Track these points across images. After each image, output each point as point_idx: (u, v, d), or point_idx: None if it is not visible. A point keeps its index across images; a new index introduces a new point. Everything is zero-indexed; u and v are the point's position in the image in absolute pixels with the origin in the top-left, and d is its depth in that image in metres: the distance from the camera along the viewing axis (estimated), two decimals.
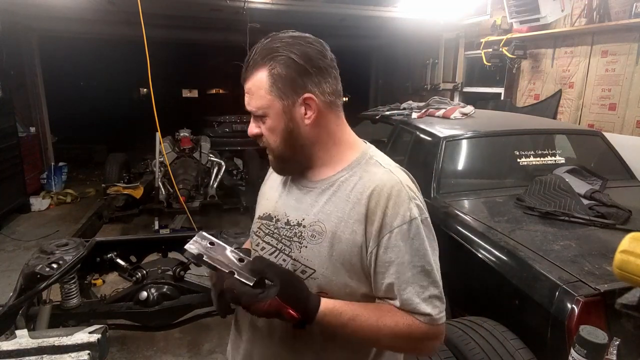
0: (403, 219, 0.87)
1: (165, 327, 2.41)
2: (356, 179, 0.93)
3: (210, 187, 5.12)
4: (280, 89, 0.89)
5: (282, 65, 0.88)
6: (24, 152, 5.71)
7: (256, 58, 0.90)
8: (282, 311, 0.81)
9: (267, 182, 1.13)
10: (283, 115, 0.91)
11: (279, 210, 1.01)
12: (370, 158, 0.97)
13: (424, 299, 0.87)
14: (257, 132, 0.96)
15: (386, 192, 0.89)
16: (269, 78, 0.89)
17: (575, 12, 4.15)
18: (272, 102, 0.90)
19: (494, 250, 1.93)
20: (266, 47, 0.90)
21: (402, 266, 0.87)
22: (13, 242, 4.60)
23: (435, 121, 3.22)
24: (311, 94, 0.91)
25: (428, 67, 6.64)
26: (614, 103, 3.84)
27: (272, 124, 0.92)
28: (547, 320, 1.54)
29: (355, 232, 0.89)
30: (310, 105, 0.91)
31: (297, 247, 0.94)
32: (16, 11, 5.49)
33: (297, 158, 0.96)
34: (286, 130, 0.92)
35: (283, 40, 0.90)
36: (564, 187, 2.34)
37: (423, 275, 0.87)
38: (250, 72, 0.91)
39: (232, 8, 4.75)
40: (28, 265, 1.98)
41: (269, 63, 0.89)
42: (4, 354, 0.90)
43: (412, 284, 0.87)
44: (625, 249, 1.19)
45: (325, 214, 0.93)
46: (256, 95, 0.91)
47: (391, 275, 0.87)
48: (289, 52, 0.88)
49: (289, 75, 0.88)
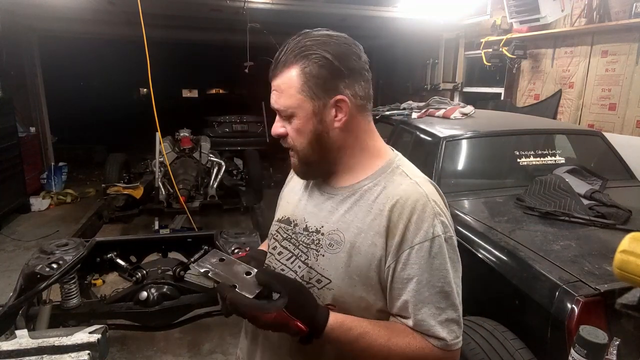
0: (425, 236, 0.82)
1: (165, 327, 2.41)
2: (380, 188, 0.89)
3: (210, 187, 5.12)
4: (312, 88, 0.86)
5: (315, 64, 0.84)
6: (24, 152, 5.70)
7: (288, 55, 0.86)
8: (289, 323, 0.77)
9: (289, 184, 1.10)
10: (313, 117, 0.87)
11: (298, 214, 0.98)
12: (397, 167, 0.92)
13: (439, 322, 0.82)
14: (282, 132, 0.92)
15: (410, 206, 0.84)
16: (301, 77, 0.85)
17: (575, 12, 4.15)
18: (302, 102, 0.86)
19: (494, 250, 1.93)
20: (299, 44, 0.86)
21: (419, 285, 0.82)
22: (13, 242, 4.60)
23: (435, 121, 3.22)
24: (344, 96, 0.87)
25: (428, 67, 6.64)
26: (614, 103, 3.84)
27: (300, 125, 0.88)
28: (547, 320, 1.54)
29: (375, 244, 0.85)
30: (341, 108, 0.87)
31: (314, 255, 0.90)
32: (16, 11, 5.49)
33: (322, 162, 0.93)
34: (314, 133, 0.89)
35: (317, 39, 0.86)
36: (564, 187, 2.34)
37: (441, 297, 0.82)
38: (280, 69, 0.87)
39: (232, 8, 4.74)
40: (28, 265, 1.98)
41: (301, 61, 0.85)
42: (4, 354, 0.90)
43: (428, 305, 0.82)
44: (625, 249, 1.19)
45: (345, 223, 0.89)
46: (285, 93, 0.87)
47: (407, 292, 0.83)
48: (323, 50, 0.85)
49: (322, 75, 0.85)
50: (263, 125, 8.22)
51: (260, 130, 8.26)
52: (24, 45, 6.32)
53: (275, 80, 0.89)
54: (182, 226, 4.79)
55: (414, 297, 0.82)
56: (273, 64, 0.89)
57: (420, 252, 0.82)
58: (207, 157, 5.42)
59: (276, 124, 0.93)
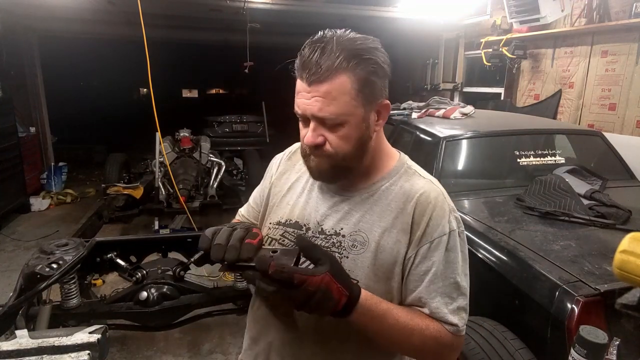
0: (443, 231, 0.88)
1: (165, 327, 2.41)
2: (397, 188, 0.92)
3: (210, 187, 5.12)
4: (366, 95, 0.84)
5: (368, 70, 0.82)
6: (24, 152, 5.71)
7: (334, 59, 0.80)
8: (332, 288, 0.75)
9: (278, 183, 1.06)
10: (361, 123, 0.86)
11: (309, 218, 0.96)
12: (409, 168, 0.97)
13: (451, 310, 0.87)
14: (320, 141, 0.86)
15: (431, 202, 0.89)
16: (357, 83, 0.82)
17: (575, 12, 4.15)
18: (355, 110, 0.83)
19: (494, 250, 1.93)
20: (348, 48, 0.81)
21: (435, 276, 0.87)
22: (13, 242, 4.60)
23: (435, 121, 3.22)
24: (387, 101, 0.88)
25: (428, 67, 6.64)
26: (614, 103, 3.84)
27: (349, 133, 0.85)
28: (547, 320, 1.54)
29: (399, 241, 0.89)
30: (381, 113, 0.89)
31: (337, 258, 0.90)
32: (16, 11, 5.49)
33: (357, 166, 0.91)
34: (361, 139, 0.87)
35: (363, 43, 0.83)
36: (564, 187, 2.34)
37: (454, 288, 0.88)
38: (329, 74, 0.80)
39: (232, 8, 4.75)
40: (28, 265, 1.98)
41: (354, 65, 0.81)
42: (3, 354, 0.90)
43: (441, 295, 0.87)
44: (625, 249, 1.19)
45: (367, 223, 0.91)
46: (338, 101, 0.82)
47: (423, 284, 0.88)
48: (373, 55, 0.83)
49: (374, 81, 0.84)
50: (263, 125, 8.22)
51: (260, 130, 8.26)
52: (24, 45, 6.32)
53: (320, 86, 0.81)
54: (182, 226, 4.79)
55: (428, 287, 0.87)
56: (311, 67, 0.81)
57: (439, 245, 0.88)
58: (207, 157, 5.42)
59: (313, 134, 0.85)
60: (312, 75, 0.81)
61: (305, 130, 0.88)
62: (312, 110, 0.83)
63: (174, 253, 2.56)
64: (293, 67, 0.87)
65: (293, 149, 1.11)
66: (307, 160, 0.92)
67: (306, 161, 0.93)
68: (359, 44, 0.83)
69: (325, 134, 0.86)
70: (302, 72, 0.83)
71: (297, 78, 0.86)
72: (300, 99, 0.85)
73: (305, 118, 0.87)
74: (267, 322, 1.01)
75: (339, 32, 0.84)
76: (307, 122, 0.87)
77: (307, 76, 0.82)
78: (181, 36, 7.05)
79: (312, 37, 0.85)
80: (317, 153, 0.88)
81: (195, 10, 5.50)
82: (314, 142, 0.86)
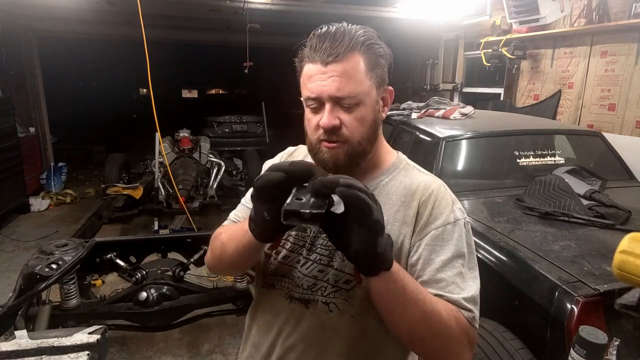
0: (447, 219, 0.88)
1: (165, 327, 2.41)
2: (397, 182, 0.93)
3: (209, 188, 5.13)
4: (378, 75, 0.86)
5: (378, 54, 0.86)
6: (24, 152, 5.70)
7: (347, 42, 0.82)
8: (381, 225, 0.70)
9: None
10: (375, 105, 0.87)
11: None
12: (407, 163, 0.98)
13: (464, 298, 0.83)
14: (337, 123, 0.83)
15: (433, 193, 0.90)
16: (369, 63, 0.84)
17: (574, 13, 4.15)
18: (370, 89, 0.85)
19: (493, 250, 1.93)
20: (356, 34, 0.83)
21: (443, 264, 0.84)
22: (12, 242, 4.59)
23: (435, 121, 3.22)
24: (391, 87, 0.90)
25: (428, 68, 6.64)
26: (614, 103, 3.84)
27: (364, 113, 0.85)
28: (546, 321, 1.54)
29: (403, 234, 0.88)
30: (386, 99, 0.90)
31: (339, 257, 0.89)
32: (16, 11, 5.49)
33: (368, 155, 0.90)
34: (375, 123, 0.88)
35: (367, 31, 0.86)
36: (563, 188, 2.34)
37: (461, 278, 0.85)
38: (346, 53, 0.81)
39: (231, 8, 4.75)
40: (27, 265, 1.98)
41: (366, 48, 0.84)
42: (3, 355, 0.90)
43: (451, 284, 0.83)
44: (625, 249, 1.19)
45: None
46: (355, 79, 0.82)
47: (429, 272, 0.84)
48: (378, 42, 0.86)
49: (383, 64, 0.87)
50: (263, 126, 8.22)
51: (260, 130, 8.26)
52: (23, 45, 6.32)
53: (337, 65, 0.81)
54: (181, 226, 4.80)
55: (436, 275, 0.84)
56: (326, 48, 0.81)
57: (444, 233, 0.87)
58: (207, 157, 5.43)
59: (329, 115, 0.83)
60: (328, 55, 0.81)
61: (317, 117, 0.86)
62: (330, 90, 0.82)
63: (174, 253, 2.56)
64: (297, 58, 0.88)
65: (287, 152, 1.12)
66: (319, 153, 0.88)
67: (317, 154, 0.88)
68: (363, 32, 0.85)
69: (341, 116, 0.84)
70: (315, 54, 0.83)
71: (307, 63, 0.85)
72: (314, 82, 0.83)
73: (320, 103, 0.84)
74: (270, 327, 0.98)
75: (347, 24, 0.87)
76: (320, 108, 0.85)
77: (323, 57, 0.81)
78: (181, 36, 7.05)
79: (316, 29, 0.86)
80: (332, 139, 0.85)
81: (195, 11, 5.51)
82: (331, 124, 0.83)
